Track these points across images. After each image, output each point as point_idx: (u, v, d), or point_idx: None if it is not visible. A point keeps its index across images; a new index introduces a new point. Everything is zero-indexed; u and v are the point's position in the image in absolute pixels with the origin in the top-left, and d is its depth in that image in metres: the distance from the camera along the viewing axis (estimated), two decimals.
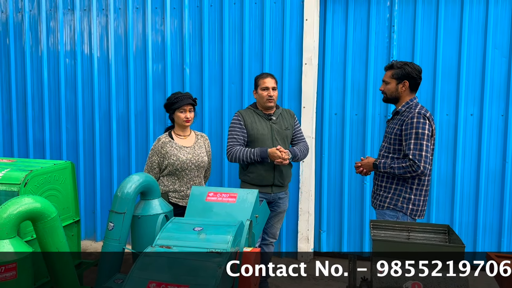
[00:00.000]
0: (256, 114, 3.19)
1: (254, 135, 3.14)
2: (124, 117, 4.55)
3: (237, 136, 3.13)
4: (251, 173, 3.15)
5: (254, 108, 3.24)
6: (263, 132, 3.14)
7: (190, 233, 2.18)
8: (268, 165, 3.12)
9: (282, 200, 3.28)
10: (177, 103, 3.01)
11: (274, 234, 3.35)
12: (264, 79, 3.16)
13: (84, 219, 4.71)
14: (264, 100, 3.15)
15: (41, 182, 2.52)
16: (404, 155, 2.63)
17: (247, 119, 3.16)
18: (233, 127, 3.16)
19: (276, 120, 3.21)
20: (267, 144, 3.13)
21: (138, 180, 2.52)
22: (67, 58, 4.68)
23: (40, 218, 2.09)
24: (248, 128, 3.15)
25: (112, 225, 2.43)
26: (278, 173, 3.17)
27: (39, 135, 4.81)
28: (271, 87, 3.14)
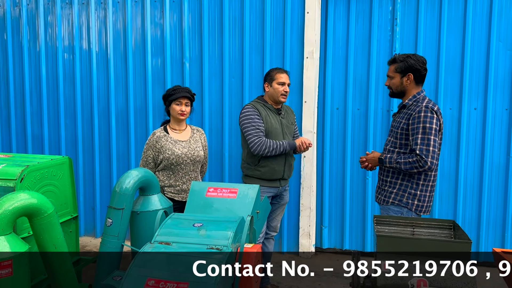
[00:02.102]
0: (267, 108, 3.17)
1: (268, 129, 3.10)
2: (123, 113, 4.50)
3: (259, 126, 3.06)
4: (263, 167, 3.12)
5: (263, 102, 3.20)
6: (276, 126, 3.14)
7: (190, 229, 2.14)
8: (280, 159, 3.14)
9: (286, 192, 3.34)
10: (174, 95, 2.96)
11: (276, 227, 3.35)
12: (281, 74, 3.16)
13: (84, 215, 4.68)
14: (278, 94, 3.14)
15: (38, 178, 2.47)
16: (410, 150, 2.58)
17: (261, 112, 3.13)
18: (251, 118, 3.07)
19: (284, 115, 3.24)
20: (279, 138, 3.13)
21: (136, 176, 2.48)
22: (66, 53, 4.62)
23: (37, 214, 2.05)
24: (263, 121, 3.12)
25: (110, 221, 2.39)
26: (287, 167, 3.21)
27: (38, 131, 4.76)
28: (287, 83, 3.16)
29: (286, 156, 3.18)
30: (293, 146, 3.10)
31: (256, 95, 3.77)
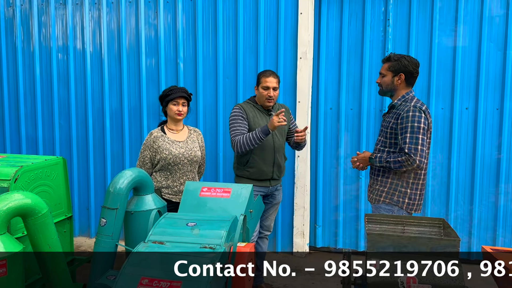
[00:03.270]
0: (256, 109, 3.16)
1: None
2: (117, 113, 4.51)
3: (240, 127, 3.08)
4: (251, 167, 3.13)
5: (253, 102, 3.20)
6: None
7: (183, 228, 2.15)
8: (268, 159, 3.13)
9: (278, 192, 3.32)
10: (170, 95, 2.98)
11: (269, 226, 3.35)
12: (266, 78, 3.09)
13: (78, 215, 4.68)
14: (263, 99, 3.11)
15: (32, 178, 2.48)
16: (400, 149, 2.61)
17: (249, 112, 3.13)
18: (235, 119, 3.10)
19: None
20: (268, 139, 3.11)
21: (130, 176, 2.49)
22: (60, 53, 4.62)
23: (31, 214, 2.06)
24: (249, 122, 3.11)
25: (104, 221, 2.40)
26: (276, 168, 3.18)
27: (32, 132, 4.76)
28: (272, 87, 3.08)
29: (275, 157, 3.15)
30: (265, 129, 2.94)
31: (250, 95, 3.79)
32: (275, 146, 3.15)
